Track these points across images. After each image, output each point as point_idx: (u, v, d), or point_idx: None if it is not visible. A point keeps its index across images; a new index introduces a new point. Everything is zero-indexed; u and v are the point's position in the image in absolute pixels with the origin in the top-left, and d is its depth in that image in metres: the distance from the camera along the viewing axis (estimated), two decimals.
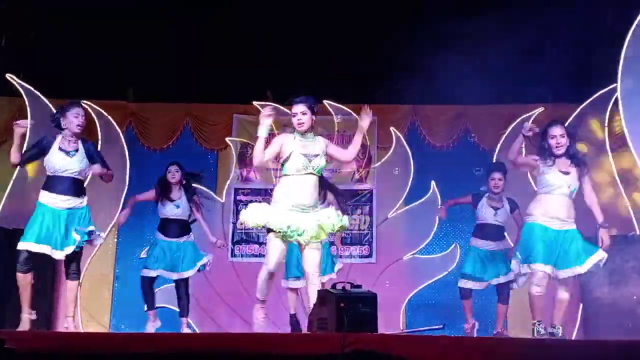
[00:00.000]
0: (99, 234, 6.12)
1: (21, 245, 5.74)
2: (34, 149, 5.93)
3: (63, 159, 5.82)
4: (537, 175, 5.99)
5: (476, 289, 7.36)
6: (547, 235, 5.75)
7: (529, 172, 6.16)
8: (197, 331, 8.48)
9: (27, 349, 3.88)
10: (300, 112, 5.47)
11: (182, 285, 7.33)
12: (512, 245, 7.30)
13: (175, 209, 7.29)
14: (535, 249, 5.74)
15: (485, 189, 7.42)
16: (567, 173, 5.80)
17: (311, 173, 5.39)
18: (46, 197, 5.84)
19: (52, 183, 5.84)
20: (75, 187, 5.89)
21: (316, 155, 5.41)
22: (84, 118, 6.01)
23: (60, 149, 5.86)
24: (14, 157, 5.82)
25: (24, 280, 5.81)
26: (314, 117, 5.53)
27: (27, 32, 8.24)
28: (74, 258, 5.92)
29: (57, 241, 5.78)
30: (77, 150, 5.91)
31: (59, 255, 5.82)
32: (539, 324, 5.82)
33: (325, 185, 7.00)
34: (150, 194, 7.41)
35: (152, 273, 7.28)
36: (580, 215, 5.97)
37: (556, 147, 5.83)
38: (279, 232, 5.31)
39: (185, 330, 7.27)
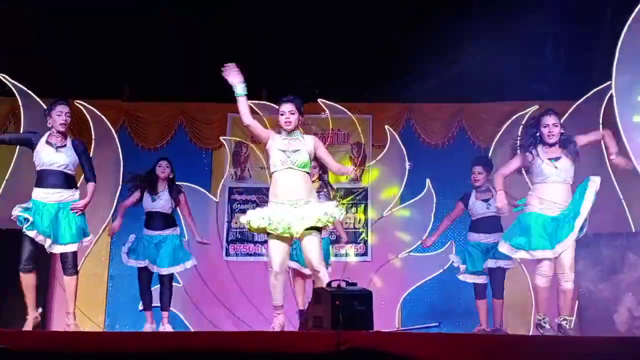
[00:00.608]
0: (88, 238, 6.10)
1: (28, 233, 5.72)
2: (26, 134, 6.08)
3: (50, 152, 5.83)
4: (529, 168, 5.93)
5: (480, 283, 7.33)
6: (544, 221, 5.71)
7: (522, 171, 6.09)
8: (191, 328, 8.47)
9: (21, 348, 3.86)
10: (289, 112, 5.51)
11: (166, 280, 7.24)
12: None
13: (158, 201, 7.26)
14: (533, 236, 5.70)
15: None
16: (557, 159, 5.77)
17: (291, 168, 5.39)
18: (38, 193, 5.84)
19: (42, 177, 5.85)
20: (65, 180, 5.88)
21: (296, 151, 5.43)
22: (69, 115, 5.99)
23: (47, 142, 5.88)
24: None
25: (27, 281, 5.82)
26: (301, 118, 5.58)
27: (21, 31, 8.19)
28: (71, 253, 5.87)
29: (54, 235, 5.76)
30: (64, 146, 5.92)
31: (58, 249, 5.81)
32: (544, 319, 5.78)
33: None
34: (135, 196, 7.39)
35: (136, 263, 7.21)
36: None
37: (548, 135, 5.80)
38: (271, 231, 5.33)
39: (166, 324, 7.14)
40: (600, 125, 7.67)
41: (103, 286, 8.88)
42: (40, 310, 5.95)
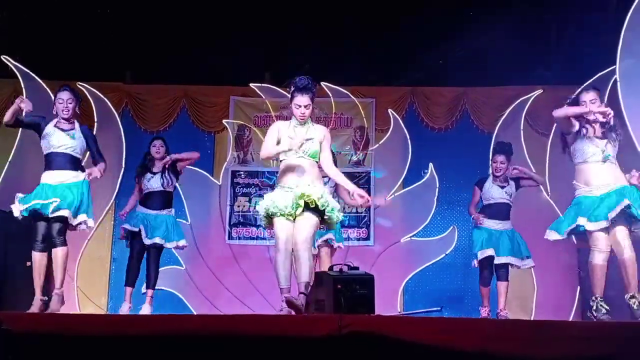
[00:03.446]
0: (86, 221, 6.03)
1: (15, 207, 5.76)
2: (38, 117, 5.94)
3: (60, 136, 5.87)
4: (571, 143, 5.81)
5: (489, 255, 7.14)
6: (593, 200, 5.60)
7: (565, 135, 5.89)
8: (193, 311, 8.49)
9: (24, 330, 3.87)
10: (304, 105, 5.39)
11: (153, 258, 7.15)
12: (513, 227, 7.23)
13: (155, 181, 7.24)
14: (585, 214, 5.58)
15: (489, 171, 7.36)
16: (601, 138, 5.68)
17: (302, 157, 5.33)
18: (45, 176, 5.88)
19: (49, 161, 5.89)
20: (70, 162, 5.90)
21: (307, 140, 5.35)
22: (70, 102, 5.96)
23: (56, 126, 5.92)
24: (7, 116, 5.83)
25: (39, 261, 5.82)
26: (314, 107, 5.52)
27: (24, 14, 8.16)
28: (58, 224, 5.83)
29: (49, 205, 5.72)
30: (73, 129, 5.97)
31: (52, 213, 5.74)
32: (601, 300, 5.55)
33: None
34: (134, 198, 7.39)
35: (131, 228, 7.12)
36: None
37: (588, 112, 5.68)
38: (276, 210, 5.26)
39: (147, 303, 7.07)
40: None
41: (106, 269, 8.90)
42: (46, 298, 5.91)
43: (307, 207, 5.22)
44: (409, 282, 8.94)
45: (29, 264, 7.25)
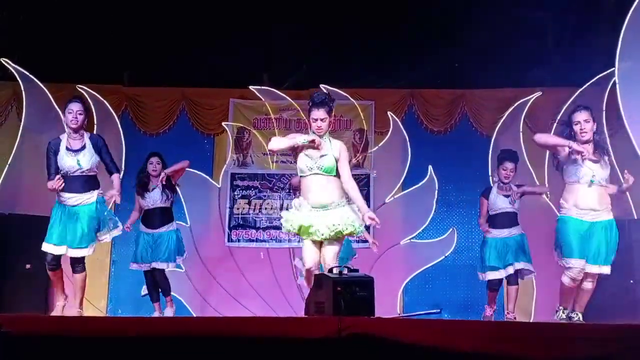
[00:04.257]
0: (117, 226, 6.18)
1: (45, 247, 5.83)
2: (51, 159, 5.86)
3: (70, 159, 5.83)
4: (563, 164, 5.83)
5: (499, 278, 7.17)
6: (581, 227, 5.70)
7: (555, 155, 5.92)
8: (193, 313, 8.49)
9: (24, 332, 3.87)
10: (320, 119, 5.38)
11: (157, 275, 7.31)
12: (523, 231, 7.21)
13: (154, 197, 7.27)
14: (571, 243, 5.70)
15: (496, 179, 7.32)
16: (595, 161, 5.69)
17: (317, 173, 5.31)
18: (59, 196, 5.89)
19: (65, 182, 5.84)
20: (85, 183, 5.91)
21: (322, 156, 5.31)
22: (80, 113, 5.92)
23: (67, 149, 5.87)
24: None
25: (54, 276, 5.96)
26: (331, 120, 5.48)
27: (23, 16, 8.17)
28: (81, 257, 5.97)
29: (72, 240, 5.84)
30: (84, 147, 5.91)
31: (74, 253, 5.88)
32: (564, 310, 5.86)
33: None
34: (135, 213, 7.43)
35: (138, 266, 7.32)
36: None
37: (581, 133, 5.69)
38: (302, 236, 5.37)
39: (169, 307, 7.31)
40: (604, 113, 7.64)
41: (105, 271, 8.89)
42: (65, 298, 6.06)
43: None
44: (408, 284, 8.94)
45: (28, 266, 7.29)
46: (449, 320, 5.94)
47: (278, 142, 5.48)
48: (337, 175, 5.34)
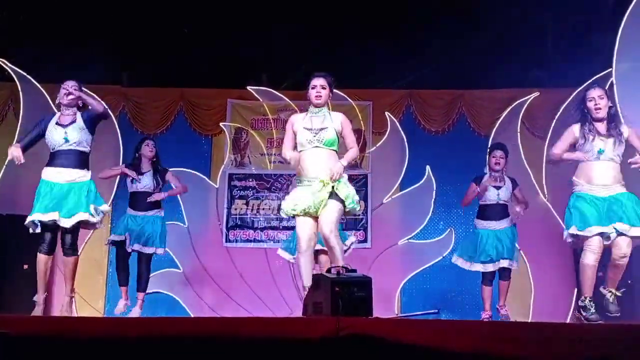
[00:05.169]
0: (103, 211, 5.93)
1: (29, 218, 5.60)
2: (34, 131, 5.80)
3: (61, 132, 5.71)
4: (579, 144, 5.70)
5: (489, 271, 7.17)
6: (597, 201, 5.54)
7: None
8: (190, 313, 8.49)
9: (21, 333, 3.86)
10: (320, 85, 5.44)
11: (144, 261, 7.26)
12: (514, 222, 7.22)
13: (145, 182, 7.30)
14: (585, 213, 5.52)
15: (487, 170, 7.35)
16: (608, 136, 5.60)
17: (318, 146, 5.31)
18: (48, 172, 5.72)
19: (54, 158, 5.73)
20: (77, 160, 5.74)
21: (322, 129, 5.32)
22: (75, 88, 5.83)
23: (57, 123, 5.77)
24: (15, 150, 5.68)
25: (44, 265, 5.70)
26: (330, 94, 5.51)
27: (20, 16, 8.16)
28: (71, 232, 5.72)
29: (64, 209, 5.61)
30: (74, 121, 5.78)
31: (66, 222, 5.61)
32: (590, 301, 5.53)
33: None
34: (116, 171, 7.48)
35: (116, 237, 7.27)
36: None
37: (595, 110, 5.64)
38: (300, 213, 5.27)
39: (138, 307, 7.18)
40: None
41: (103, 272, 8.90)
42: (45, 294, 5.83)
43: (329, 196, 5.21)
44: (406, 285, 8.95)
45: (26, 266, 7.26)
46: (447, 321, 5.96)
47: (283, 154, 5.55)
48: (336, 149, 5.37)
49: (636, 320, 6.45)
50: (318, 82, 5.46)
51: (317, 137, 5.31)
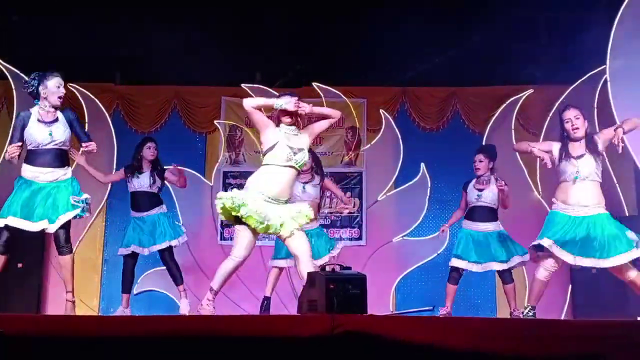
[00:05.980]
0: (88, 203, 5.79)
1: (4, 220, 5.46)
2: (17, 132, 5.62)
3: (43, 131, 5.55)
4: (557, 165, 5.83)
5: (472, 271, 7.18)
6: (568, 220, 5.67)
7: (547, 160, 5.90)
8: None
9: (16, 332, 3.85)
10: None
11: (166, 256, 7.30)
12: (501, 228, 7.22)
13: (141, 180, 7.31)
14: (551, 229, 5.68)
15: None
16: (580, 157, 5.69)
17: (292, 166, 5.33)
18: (28, 171, 5.59)
19: (35, 156, 5.57)
20: (59, 158, 5.62)
21: (300, 150, 5.35)
22: (64, 87, 5.79)
23: (39, 120, 5.58)
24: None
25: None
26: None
27: (13, 14, 8.13)
28: (62, 231, 5.61)
29: (45, 215, 5.50)
30: (57, 120, 5.64)
31: (53, 228, 5.52)
32: (532, 310, 5.80)
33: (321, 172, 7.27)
34: (119, 174, 7.52)
35: (125, 251, 7.30)
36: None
37: (573, 130, 5.72)
38: (261, 231, 5.34)
39: (183, 298, 7.30)
40: (595, 110, 7.68)
41: (98, 270, 8.88)
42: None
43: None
44: (401, 282, 8.96)
45: (20, 265, 7.24)
46: (442, 318, 5.97)
47: (254, 99, 5.55)
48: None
49: (628, 316, 6.47)
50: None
51: (295, 158, 5.32)
